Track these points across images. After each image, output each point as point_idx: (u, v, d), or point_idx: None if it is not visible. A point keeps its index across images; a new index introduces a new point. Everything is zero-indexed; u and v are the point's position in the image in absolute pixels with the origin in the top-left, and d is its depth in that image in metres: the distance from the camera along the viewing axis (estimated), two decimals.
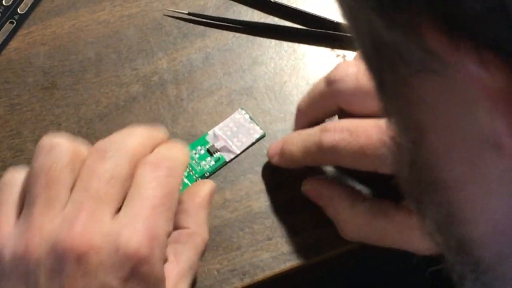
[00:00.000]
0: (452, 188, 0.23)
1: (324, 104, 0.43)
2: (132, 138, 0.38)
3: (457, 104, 0.20)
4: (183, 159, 0.39)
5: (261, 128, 0.47)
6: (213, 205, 0.45)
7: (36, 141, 0.47)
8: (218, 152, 0.46)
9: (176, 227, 0.40)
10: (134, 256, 0.34)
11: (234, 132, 0.47)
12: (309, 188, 0.44)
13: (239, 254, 0.44)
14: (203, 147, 0.47)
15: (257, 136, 0.47)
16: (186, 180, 0.45)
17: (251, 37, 0.50)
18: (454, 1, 0.17)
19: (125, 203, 0.36)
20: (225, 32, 0.51)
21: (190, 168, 0.46)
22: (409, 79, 0.21)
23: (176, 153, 0.39)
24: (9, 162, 0.47)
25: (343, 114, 0.42)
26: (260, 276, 0.43)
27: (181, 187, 0.38)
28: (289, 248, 0.44)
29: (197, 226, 0.40)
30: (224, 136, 0.47)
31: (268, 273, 0.43)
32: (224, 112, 0.48)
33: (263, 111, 0.48)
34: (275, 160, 0.44)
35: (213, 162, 0.46)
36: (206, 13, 0.51)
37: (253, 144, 0.47)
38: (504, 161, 0.20)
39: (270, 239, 0.44)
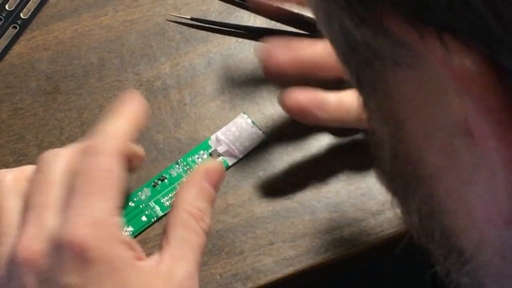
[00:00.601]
0: (431, 179, 0.23)
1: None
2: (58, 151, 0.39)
3: (430, 93, 0.20)
4: (117, 128, 0.38)
5: (263, 133, 0.47)
6: (215, 210, 0.45)
7: (39, 145, 0.47)
8: (221, 157, 0.46)
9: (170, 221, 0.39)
10: (76, 246, 0.34)
11: (236, 137, 0.47)
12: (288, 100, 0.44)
13: (242, 258, 0.44)
14: (205, 151, 0.47)
15: (260, 140, 0.47)
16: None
17: (253, 43, 0.50)
18: None
19: (68, 201, 0.37)
20: (227, 37, 0.51)
21: None
22: (385, 74, 0.22)
23: (109, 125, 0.38)
24: (12, 167, 0.46)
25: None
26: (263, 280, 0.43)
27: (116, 158, 0.37)
28: (291, 253, 0.44)
29: (181, 204, 0.38)
30: (226, 141, 0.47)
31: (270, 277, 0.43)
32: (226, 117, 0.48)
33: (265, 116, 0.48)
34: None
35: None
36: (208, 18, 0.51)
37: (255, 148, 0.47)
38: (476, 148, 0.20)
39: (272, 243, 0.44)
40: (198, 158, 0.46)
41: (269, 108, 0.48)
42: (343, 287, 0.74)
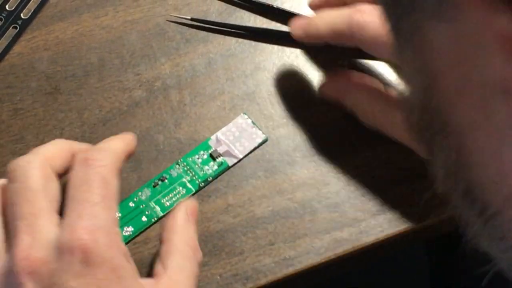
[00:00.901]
0: (462, 132, 0.23)
1: (341, 41, 0.45)
2: (41, 150, 0.39)
3: (469, 50, 0.21)
4: (116, 146, 0.40)
5: (263, 133, 0.47)
6: (215, 210, 0.45)
7: (39, 145, 0.47)
8: (221, 157, 0.46)
9: (162, 243, 0.40)
10: (77, 249, 0.35)
11: (236, 137, 0.47)
12: (326, 88, 0.47)
13: (242, 259, 0.44)
14: (205, 151, 0.47)
15: (260, 140, 0.47)
16: (189, 185, 0.46)
17: (253, 43, 0.50)
18: None
19: (64, 208, 0.37)
20: (227, 38, 0.51)
21: (193, 173, 0.46)
22: (424, 25, 0.22)
23: (109, 142, 0.40)
24: None
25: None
26: (263, 281, 0.43)
27: (115, 172, 0.39)
28: (291, 253, 0.44)
29: (177, 235, 0.41)
30: (226, 141, 0.47)
31: (270, 278, 0.43)
32: (226, 117, 0.48)
33: (266, 117, 0.48)
34: (298, 34, 0.46)
35: (216, 167, 0.46)
36: (209, 19, 0.51)
37: (255, 148, 0.47)
38: None
39: (272, 244, 0.44)
40: (198, 158, 0.46)
41: (269, 109, 0.48)
42: (343, 287, 0.74)
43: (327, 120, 0.48)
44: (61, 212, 0.37)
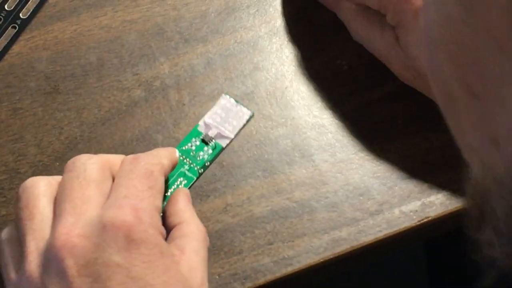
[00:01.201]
0: None
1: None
2: (103, 155, 0.41)
3: None
4: (164, 153, 0.42)
5: (248, 109, 0.48)
6: (214, 209, 0.45)
7: (38, 145, 0.47)
8: (213, 140, 0.47)
9: (168, 229, 0.41)
10: (123, 225, 0.36)
11: (223, 118, 0.48)
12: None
13: (241, 258, 0.44)
14: (197, 138, 0.47)
15: (247, 117, 0.48)
16: (189, 174, 0.46)
17: (252, 43, 0.51)
18: None
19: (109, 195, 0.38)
20: (226, 38, 0.51)
21: (191, 161, 0.46)
22: None
23: (156, 150, 0.42)
24: (11, 166, 0.47)
25: None
26: (261, 280, 0.43)
27: (162, 172, 0.41)
28: (290, 253, 0.44)
29: (187, 219, 0.41)
30: (215, 124, 0.48)
31: (269, 277, 0.44)
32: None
33: (264, 117, 0.48)
34: None
35: (210, 151, 0.47)
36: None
37: (244, 126, 0.48)
38: None
39: (271, 243, 0.44)
40: (191, 146, 0.47)
41: (267, 108, 0.48)
42: (341, 287, 0.74)
43: (326, 120, 0.48)
44: None
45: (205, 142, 0.47)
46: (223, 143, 0.47)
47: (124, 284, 0.35)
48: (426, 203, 0.46)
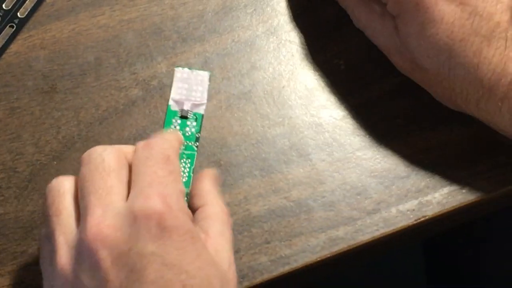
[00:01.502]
0: None
1: None
2: (117, 145, 0.41)
3: None
4: (171, 136, 0.42)
5: (204, 71, 0.49)
6: None
7: (35, 144, 0.47)
8: (191, 112, 0.47)
9: (193, 210, 0.41)
10: (154, 214, 0.36)
11: (188, 88, 0.48)
12: None
13: (238, 257, 0.44)
14: (176, 117, 0.47)
15: (207, 78, 0.49)
16: (188, 151, 0.46)
17: (249, 42, 0.51)
18: None
19: (131, 185, 0.38)
20: (224, 37, 0.51)
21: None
22: None
23: (162, 135, 0.42)
24: (8, 165, 0.47)
25: None
26: (258, 279, 0.44)
27: (176, 153, 0.41)
28: (287, 252, 0.44)
29: (211, 200, 0.42)
30: (183, 97, 0.48)
31: (266, 276, 0.44)
32: (223, 117, 0.48)
33: (262, 116, 0.48)
34: None
35: (194, 123, 0.47)
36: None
37: (209, 86, 0.48)
38: None
39: (268, 242, 0.44)
40: (175, 126, 0.47)
41: (265, 108, 0.48)
42: (338, 286, 0.74)
43: (323, 119, 0.48)
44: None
45: (184, 117, 0.47)
46: (202, 110, 0.48)
47: (159, 272, 0.35)
48: (423, 202, 0.46)
